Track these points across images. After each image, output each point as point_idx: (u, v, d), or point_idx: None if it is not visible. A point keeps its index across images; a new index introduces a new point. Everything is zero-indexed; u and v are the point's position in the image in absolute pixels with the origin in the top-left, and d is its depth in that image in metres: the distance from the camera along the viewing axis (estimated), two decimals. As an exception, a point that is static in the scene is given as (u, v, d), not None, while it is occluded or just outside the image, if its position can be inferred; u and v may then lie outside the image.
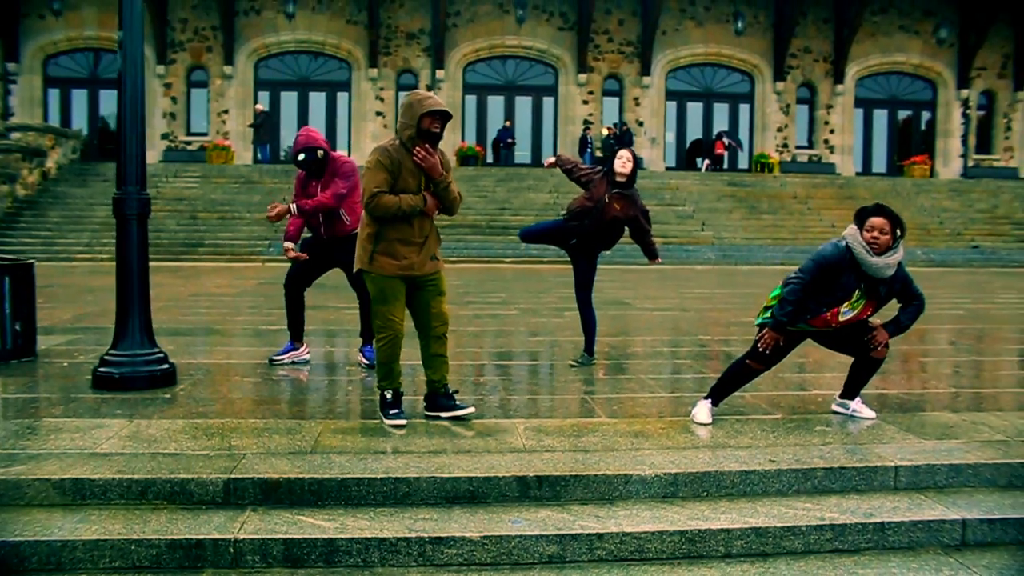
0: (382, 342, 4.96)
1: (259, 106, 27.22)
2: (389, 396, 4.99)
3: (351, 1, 28.07)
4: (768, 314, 4.95)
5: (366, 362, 6.61)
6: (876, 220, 4.74)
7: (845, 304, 4.85)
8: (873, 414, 5.24)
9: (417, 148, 4.84)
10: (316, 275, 6.83)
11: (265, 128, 26.80)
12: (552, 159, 7.08)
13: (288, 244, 6.72)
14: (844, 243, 4.78)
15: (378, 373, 5.04)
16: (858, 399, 5.26)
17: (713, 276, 17.58)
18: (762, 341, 4.90)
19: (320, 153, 6.41)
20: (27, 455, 4.23)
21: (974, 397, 6.03)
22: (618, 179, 6.59)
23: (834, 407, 5.36)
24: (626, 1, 28.73)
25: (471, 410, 5.05)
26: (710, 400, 5.10)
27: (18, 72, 27.33)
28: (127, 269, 5.89)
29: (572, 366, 6.77)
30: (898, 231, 4.75)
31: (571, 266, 7.06)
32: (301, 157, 6.40)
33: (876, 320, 5.11)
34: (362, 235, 4.99)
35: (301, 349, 6.88)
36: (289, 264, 6.83)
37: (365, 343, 6.74)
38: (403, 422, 4.88)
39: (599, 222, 6.55)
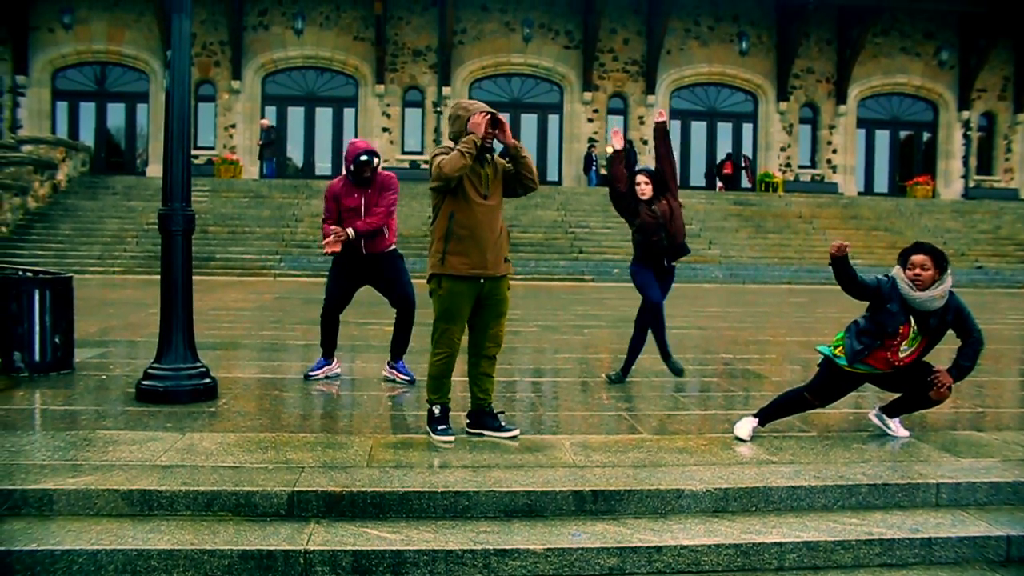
0: (438, 358, 5.01)
1: (265, 120, 27.28)
2: (437, 411, 5.05)
3: (359, 18, 28.32)
4: (833, 349, 5.15)
5: (406, 378, 6.73)
6: (916, 257, 4.92)
7: (904, 343, 4.99)
8: (907, 433, 5.36)
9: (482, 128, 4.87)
10: (351, 296, 6.91)
11: (274, 143, 26.89)
12: (621, 145, 6.79)
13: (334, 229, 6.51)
14: (891, 275, 4.99)
15: (429, 387, 5.09)
16: (897, 419, 5.38)
17: (722, 294, 17.72)
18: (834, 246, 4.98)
19: (376, 162, 6.49)
20: (91, 466, 4.33)
21: (995, 416, 6.15)
22: (646, 199, 6.74)
23: (871, 416, 5.49)
24: (631, 21, 29.02)
25: (516, 432, 5.08)
26: (757, 420, 5.22)
27: (27, 85, 27.50)
28: (172, 284, 5.99)
29: (609, 381, 6.89)
30: (944, 264, 4.90)
31: (582, 283, 7.13)
32: (364, 158, 6.39)
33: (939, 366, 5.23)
34: (434, 238, 5.00)
35: (333, 364, 7.00)
36: (326, 282, 6.90)
37: (396, 359, 6.83)
38: (452, 438, 4.96)
39: (668, 227, 6.67)
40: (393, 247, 6.70)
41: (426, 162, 28.37)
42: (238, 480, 4.18)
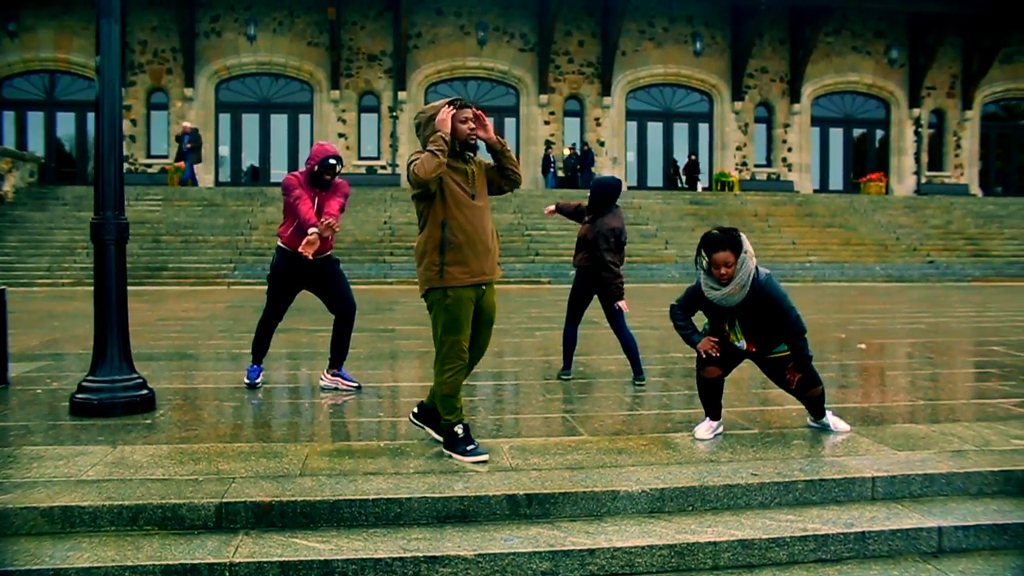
0: (449, 374, 4.69)
1: (187, 124, 26.03)
2: (461, 432, 4.70)
3: (312, 23, 28.11)
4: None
5: (352, 384, 6.64)
6: (719, 256, 4.78)
7: (731, 336, 5.05)
8: (847, 427, 5.38)
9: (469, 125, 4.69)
10: (288, 306, 6.80)
11: (199, 148, 25.82)
12: (552, 208, 7.40)
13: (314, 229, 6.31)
14: (698, 279, 5.00)
15: (445, 407, 4.74)
16: (829, 413, 5.39)
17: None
18: (701, 348, 5.11)
19: (340, 167, 6.46)
20: (12, 484, 4.20)
21: (941, 409, 6.20)
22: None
23: (809, 421, 5.50)
24: (586, 23, 29.12)
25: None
26: (708, 416, 5.22)
27: (-28, 95, 26.96)
28: (105, 294, 5.85)
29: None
30: (739, 249, 4.78)
31: (539, 286, 7.22)
32: (332, 161, 6.36)
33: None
34: (425, 250, 4.69)
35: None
36: (265, 290, 6.80)
37: (337, 366, 6.73)
38: (486, 456, 4.62)
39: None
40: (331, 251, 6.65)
41: (383, 167, 28.25)
42: (165, 493, 4.08)
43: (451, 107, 4.70)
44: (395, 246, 21.27)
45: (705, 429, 5.18)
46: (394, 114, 28.31)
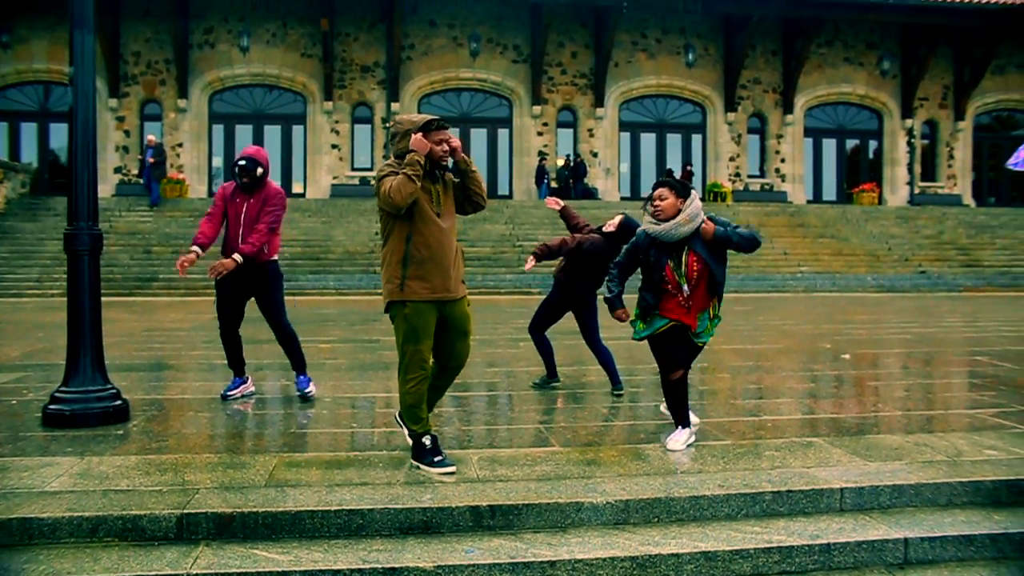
0: (412, 384, 4.68)
1: (151, 137, 25.65)
2: (428, 442, 4.68)
3: (306, 35, 28.15)
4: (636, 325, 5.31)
5: (298, 392, 6.66)
6: (658, 191, 5.06)
7: (676, 274, 5.04)
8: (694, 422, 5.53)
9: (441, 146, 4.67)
10: (242, 310, 6.79)
11: (164, 163, 25.38)
12: (560, 204, 7.51)
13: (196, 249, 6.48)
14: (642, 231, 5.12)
15: (409, 418, 4.75)
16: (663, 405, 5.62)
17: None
18: (615, 315, 5.28)
19: (260, 171, 6.41)
20: (-26, 495, 4.18)
21: (918, 419, 6.19)
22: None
23: (663, 409, 5.75)
24: (579, 34, 29.17)
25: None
26: (681, 426, 5.21)
27: (-35, 106, 26.96)
28: (78, 305, 5.85)
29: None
30: (686, 192, 5.02)
31: (529, 297, 7.20)
32: (242, 163, 6.35)
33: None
34: (389, 263, 4.69)
35: (248, 383, 6.91)
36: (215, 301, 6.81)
37: (297, 373, 6.76)
38: (453, 468, 4.60)
39: None
40: (273, 260, 6.61)
41: (375, 178, 28.21)
42: (127, 504, 4.06)
43: (427, 129, 4.68)
44: (386, 257, 21.25)
45: (676, 440, 5.17)
46: (387, 125, 28.32)
